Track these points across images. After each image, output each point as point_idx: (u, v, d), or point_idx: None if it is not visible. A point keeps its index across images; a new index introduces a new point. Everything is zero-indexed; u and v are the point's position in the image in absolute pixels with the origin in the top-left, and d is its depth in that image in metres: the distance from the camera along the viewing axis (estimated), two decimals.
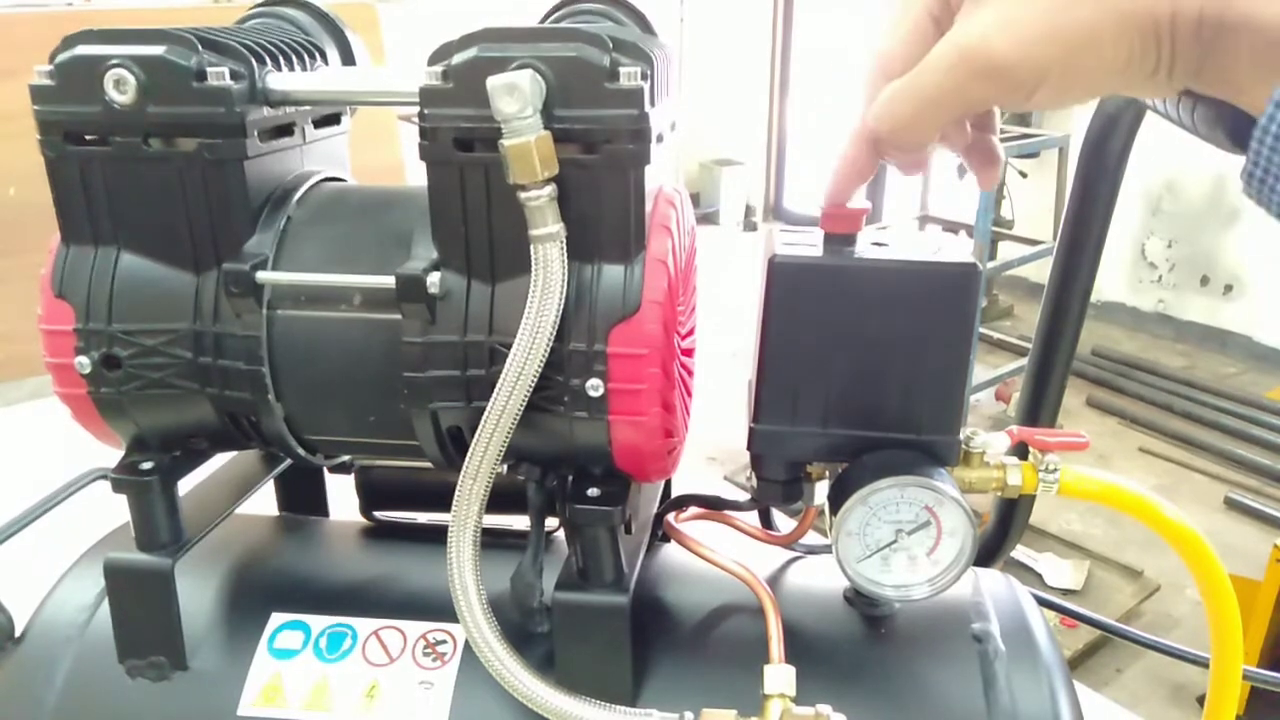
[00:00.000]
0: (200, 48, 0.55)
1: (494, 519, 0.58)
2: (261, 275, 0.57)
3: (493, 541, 0.57)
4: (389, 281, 0.55)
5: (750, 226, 6.45)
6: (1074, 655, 2.60)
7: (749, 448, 0.59)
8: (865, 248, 0.56)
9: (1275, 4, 0.39)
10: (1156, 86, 0.45)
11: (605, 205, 0.53)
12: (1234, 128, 0.45)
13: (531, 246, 0.52)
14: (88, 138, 0.56)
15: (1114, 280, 5.00)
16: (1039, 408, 0.96)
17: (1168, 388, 4.18)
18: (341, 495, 0.79)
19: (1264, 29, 0.39)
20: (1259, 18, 0.39)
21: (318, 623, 0.63)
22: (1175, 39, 0.42)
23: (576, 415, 0.55)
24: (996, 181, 0.55)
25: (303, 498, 0.81)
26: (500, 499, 0.57)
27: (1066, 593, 2.87)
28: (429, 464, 0.61)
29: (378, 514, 0.76)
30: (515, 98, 0.49)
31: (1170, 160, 4.56)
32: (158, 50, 0.54)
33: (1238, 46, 0.40)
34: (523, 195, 0.51)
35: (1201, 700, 0.71)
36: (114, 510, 0.62)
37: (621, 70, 0.51)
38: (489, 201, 0.54)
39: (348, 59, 0.67)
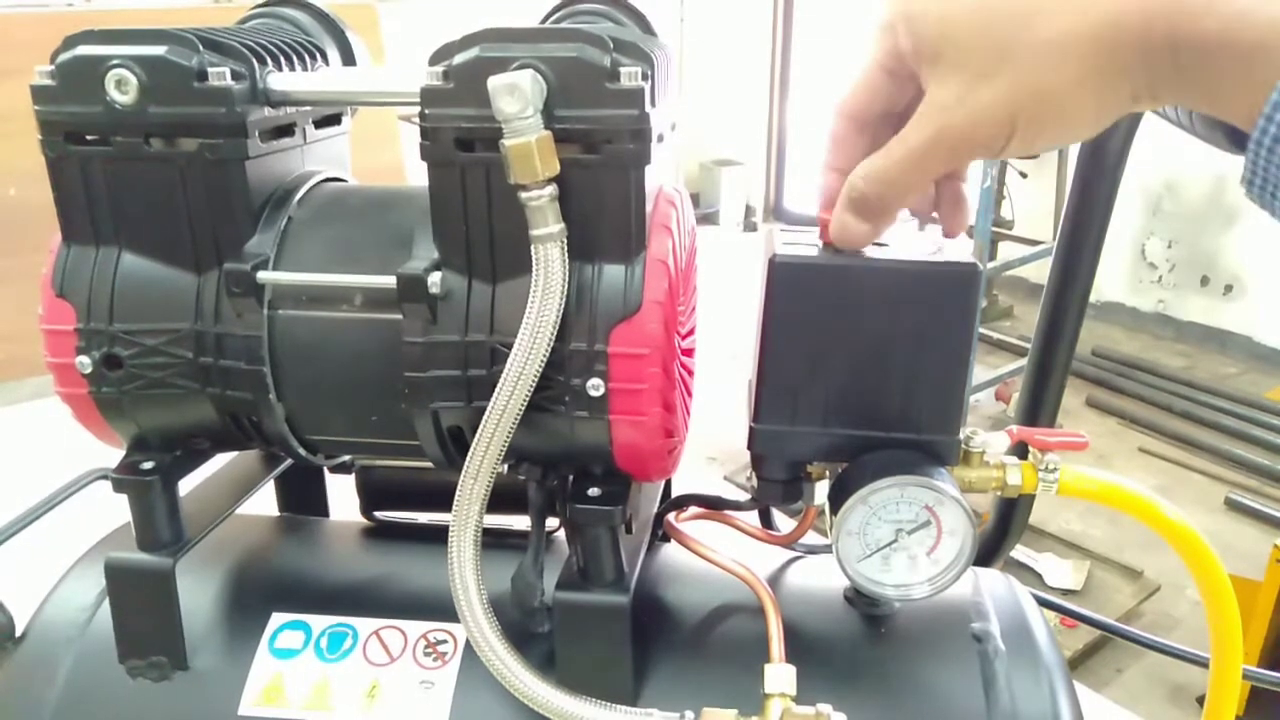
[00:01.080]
0: (201, 48, 0.55)
1: (494, 519, 0.58)
2: (263, 275, 0.57)
3: (493, 541, 0.57)
4: (390, 281, 0.55)
5: (750, 226, 6.45)
6: (1074, 655, 2.59)
7: (749, 447, 0.59)
8: (866, 247, 0.56)
9: (1247, 26, 0.40)
10: (1144, 107, 0.46)
11: (606, 205, 0.53)
12: (1232, 128, 0.45)
13: (532, 246, 0.52)
14: (89, 138, 0.56)
15: (1114, 280, 4.99)
16: (1039, 407, 0.96)
17: (1168, 388, 4.18)
18: (341, 495, 0.79)
19: (1237, 47, 0.40)
20: (1232, 37, 0.40)
21: (318, 622, 0.63)
22: (1151, 67, 0.43)
23: (577, 415, 0.55)
24: (964, 228, 0.58)
25: (303, 498, 0.81)
26: (501, 499, 0.57)
27: (1066, 593, 2.87)
28: (430, 464, 0.61)
29: (378, 514, 0.76)
30: (516, 98, 0.50)
31: (1170, 160, 4.56)
32: (159, 50, 0.54)
33: (1217, 65, 0.41)
34: (524, 195, 0.51)
35: (1201, 700, 0.71)
36: (114, 510, 0.62)
37: (622, 70, 0.51)
38: (490, 201, 0.54)
39: (348, 59, 0.67)
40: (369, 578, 0.70)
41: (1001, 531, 1.00)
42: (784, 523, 0.74)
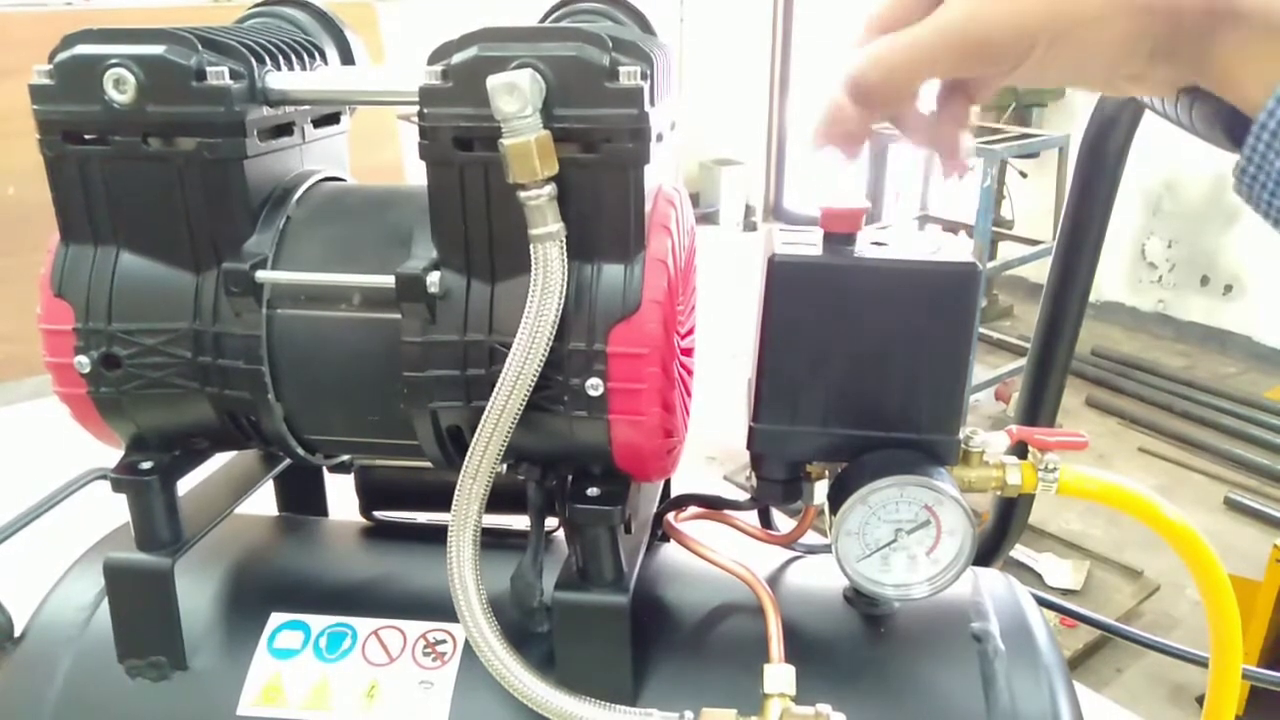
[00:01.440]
0: (200, 47, 0.55)
1: (494, 519, 0.58)
2: (261, 275, 0.57)
3: (493, 541, 0.57)
4: (389, 281, 0.55)
5: (750, 226, 6.44)
6: (1074, 655, 2.59)
7: (749, 447, 0.59)
8: (865, 247, 0.56)
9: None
10: (1155, 77, 0.45)
11: (605, 204, 0.53)
12: (1231, 126, 0.45)
13: (531, 246, 0.52)
14: (87, 137, 0.56)
15: (1114, 280, 4.99)
16: (1038, 407, 0.96)
17: (1168, 388, 4.17)
18: (341, 495, 0.79)
19: (1271, 21, 0.39)
20: (1267, 10, 0.39)
21: (317, 622, 0.63)
22: (1179, 23, 0.41)
23: (576, 415, 0.55)
24: (961, 167, 0.52)
25: (302, 498, 0.81)
26: (500, 499, 0.57)
27: (1066, 593, 2.87)
28: (429, 464, 0.61)
29: (377, 514, 0.76)
30: (515, 97, 0.49)
31: (1170, 160, 4.56)
32: (157, 50, 0.54)
33: (1241, 37, 0.40)
34: (522, 195, 0.51)
35: (1201, 700, 0.71)
36: (114, 510, 0.62)
37: (621, 70, 0.51)
38: (489, 201, 0.54)
39: (347, 59, 0.67)
40: (368, 578, 0.70)
41: (1001, 531, 1.00)
42: (783, 522, 0.74)
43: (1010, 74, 0.46)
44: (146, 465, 0.61)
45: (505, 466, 0.58)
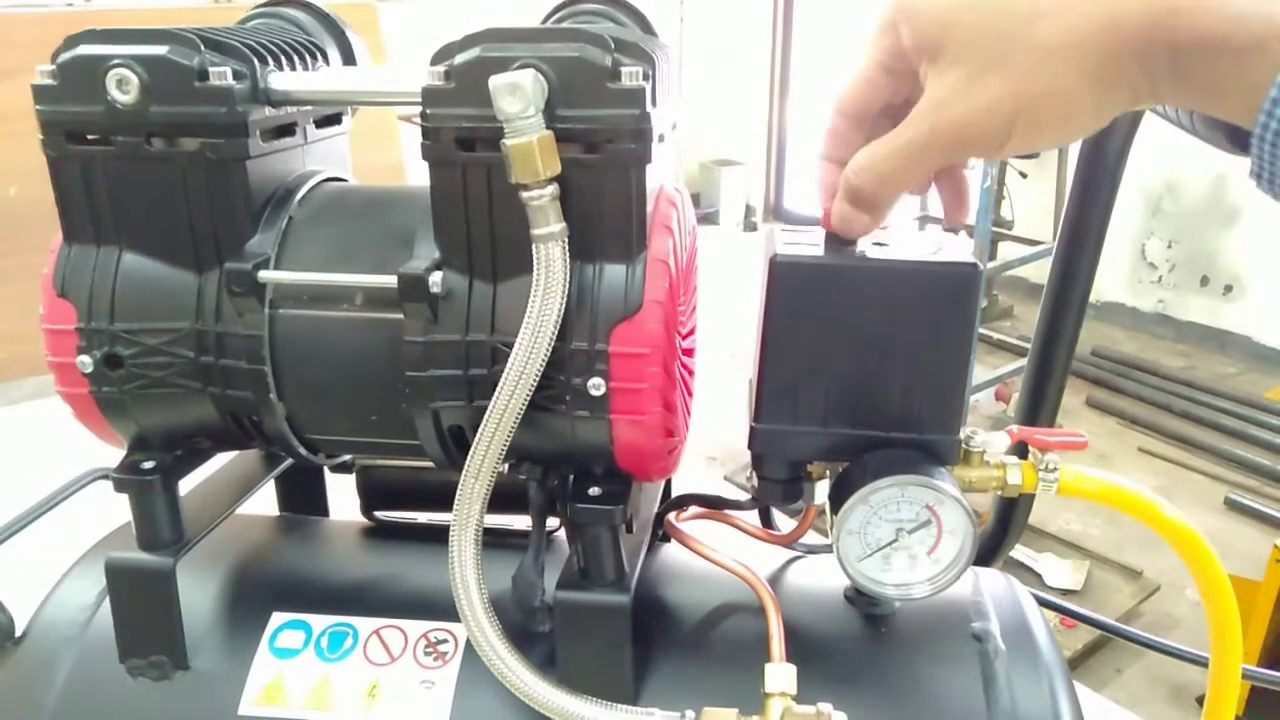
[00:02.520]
0: (202, 47, 0.55)
1: (495, 518, 0.58)
2: (263, 274, 0.57)
3: (494, 541, 0.57)
4: (391, 281, 0.55)
5: (750, 226, 6.44)
6: (1074, 655, 2.59)
7: (750, 447, 0.59)
8: (866, 247, 0.56)
9: (1244, 27, 0.40)
10: (1145, 105, 0.46)
11: (607, 205, 0.53)
12: (1232, 128, 0.45)
13: (533, 246, 0.52)
14: (90, 137, 0.56)
15: (1114, 280, 4.99)
16: (1038, 407, 0.96)
17: (1167, 388, 4.17)
18: (341, 495, 0.79)
19: (1235, 47, 0.41)
20: (1229, 38, 0.40)
21: (319, 622, 0.63)
22: (1149, 69, 0.43)
23: (578, 414, 0.55)
24: (965, 218, 0.58)
25: (303, 498, 0.81)
26: (501, 498, 0.57)
27: (1066, 593, 2.87)
28: (430, 463, 0.61)
29: (378, 514, 0.76)
30: (518, 97, 0.50)
31: (1170, 160, 4.56)
32: (160, 50, 0.54)
33: (1215, 66, 0.41)
34: (525, 195, 0.51)
35: (1201, 700, 0.71)
36: (114, 510, 0.62)
37: (623, 70, 0.51)
38: (491, 201, 0.54)
39: (349, 59, 0.67)
40: (369, 577, 0.70)
41: (1001, 531, 1.00)
42: (784, 522, 0.74)
43: (998, 153, 0.49)
44: (148, 465, 0.61)
45: (507, 466, 0.58)
